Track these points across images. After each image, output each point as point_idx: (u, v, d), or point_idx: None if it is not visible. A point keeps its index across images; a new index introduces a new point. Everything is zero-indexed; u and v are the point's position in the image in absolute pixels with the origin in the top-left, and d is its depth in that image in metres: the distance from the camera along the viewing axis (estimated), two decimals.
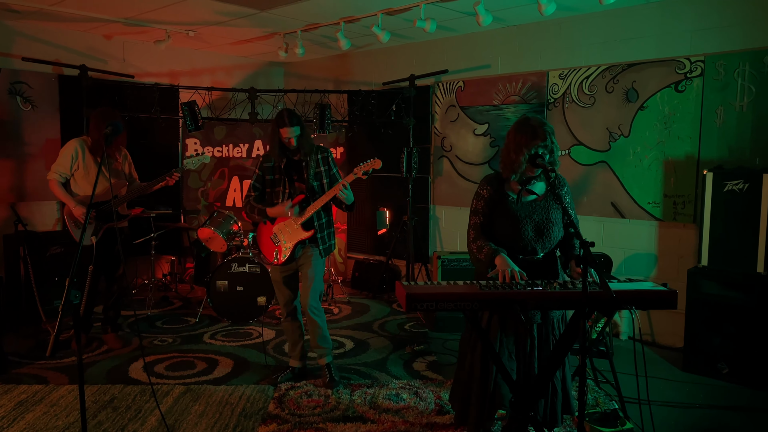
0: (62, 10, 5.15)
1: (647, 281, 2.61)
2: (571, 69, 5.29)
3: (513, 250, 2.81)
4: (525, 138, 2.69)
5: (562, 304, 2.44)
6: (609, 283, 2.54)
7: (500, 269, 2.60)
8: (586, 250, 2.22)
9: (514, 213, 2.80)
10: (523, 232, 2.78)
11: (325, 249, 3.89)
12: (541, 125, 2.73)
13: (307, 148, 3.77)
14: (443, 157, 6.30)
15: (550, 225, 2.80)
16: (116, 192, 4.53)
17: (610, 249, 5.08)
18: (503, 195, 2.85)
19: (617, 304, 2.23)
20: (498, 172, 2.92)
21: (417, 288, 2.45)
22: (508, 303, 2.40)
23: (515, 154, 2.71)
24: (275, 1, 4.84)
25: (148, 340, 4.88)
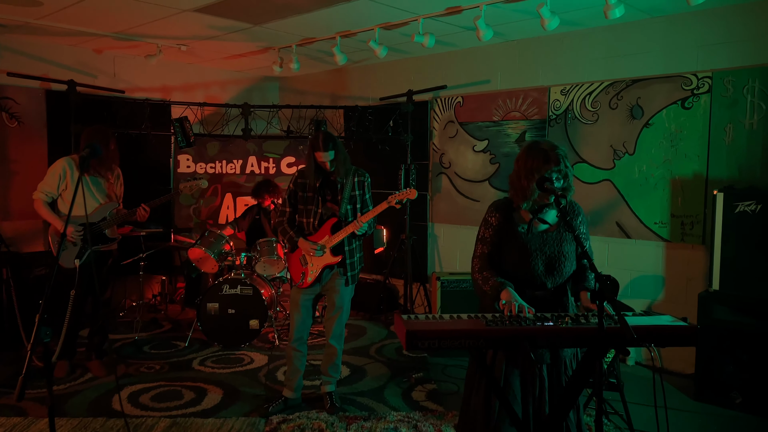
0: (49, 24, 5.00)
1: (665, 315, 2.42)
2: (574, 85, 5.15)
3: (521, 284, 2.63)
4: (537, 162, 2.51)
5: (575, 341, 2.25)
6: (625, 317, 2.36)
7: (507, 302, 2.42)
8: (603, 285, 2.04)
9: (524, 245, 2.61)
10: (534, 266, 2.60)
11: (353, 276, 3.79)
12: (554, 148, 2.56)
13: (343, 170, 3.69)
14: (442, 173, 6.14)
15: (562, 259, 2.61)
16: (104, 213, 4.35)
17: (616, 270, 4.90)
18: (513, 224, 2.66)
19: (636, 343, 2.05)
20: (508, 199, 2.74)
21: (418, 323, 2.26)
22: (517, 340, 2.21)
23: (526, 180, 2.52)
24: (269, 15, 4.69)
25: (135, 366, 4.66)
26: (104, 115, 5.79)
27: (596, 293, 2.05)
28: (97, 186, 4.35)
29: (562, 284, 2.69)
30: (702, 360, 4.09)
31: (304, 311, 3.78)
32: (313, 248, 3.64)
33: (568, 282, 2.71)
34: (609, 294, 2.02)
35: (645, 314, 2.44)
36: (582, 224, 2.73)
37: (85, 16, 4.77)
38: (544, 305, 2.61)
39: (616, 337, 2.11)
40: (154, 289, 6.75)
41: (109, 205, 4.38)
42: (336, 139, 3.63)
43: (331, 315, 3.79)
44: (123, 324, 5.79)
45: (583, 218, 2.74)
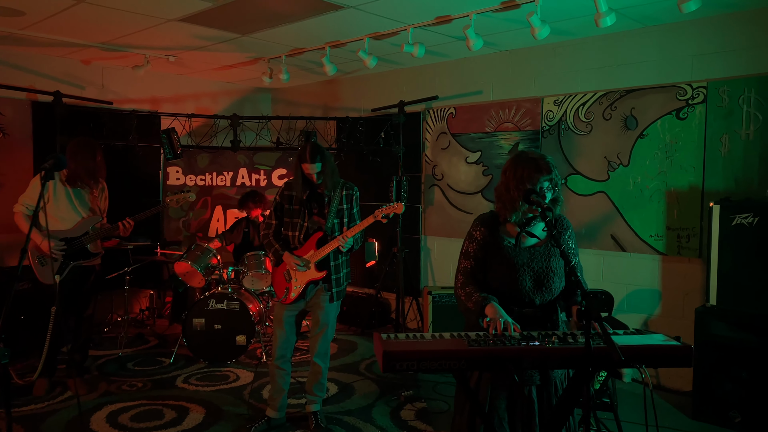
0: (33, 35, 4.92)
1: (657, 333, 2.30)
2: (567, 95, 5.06)
3: (508, 301, 2.51)
4: (528, 171, 2.40)
5: (562, 362, 2.13)
6: (614, 336, 2.25)
7: (491, 320, 2.30)
8: (589, 303, 1.93)
9: (511, 260, 2.50)
10: (521, 282, 2.48)
11: (339, 292, 3.66)
12: (543, 157, 2.46)
13: (330, 183, 3.58)
14: (434, 185, 6.04)
15: (551, 275, 2.49)
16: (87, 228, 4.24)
17: (611, 284, 4.78)
18: (499, 238, 2.55)
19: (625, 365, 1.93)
20: (493, 212, 2.63)
21: (396, 344, 2.14)
22: (501, 361, 2.10)
23: (516, 191, 2.41)
24: (256, 25, 4.62)
25: (116, 384, 4.53)
26: (90, 126, 5.71)
27: (582, 312, 1.93)
28: (80, 199, 4.24)
29: (552, 301, 2.57)
30: (700, 378, 3.96)
31: (288, 328, 3.66)
32: (296, 263, 3.53)
33: (558, 299, 2.59)
34: (596, 313, 1.90)
35: (636, 333, 2.33)
36: (570, 239, 2.63)
37: (68, 26, 4.69)
38: (532, 323, 2.50)
39: (604, 357, 1.99)
40: (143, 304, 6.62)
41: (91, 219, 4.27)
42: (324, 150, 3.53)
43: (316, 332, 3.67)
44: (108, 339, 5.66)
45: (571, 233, 2.64)
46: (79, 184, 4.18)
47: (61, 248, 4.11)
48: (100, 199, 4.38)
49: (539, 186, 2.41)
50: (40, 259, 4.13)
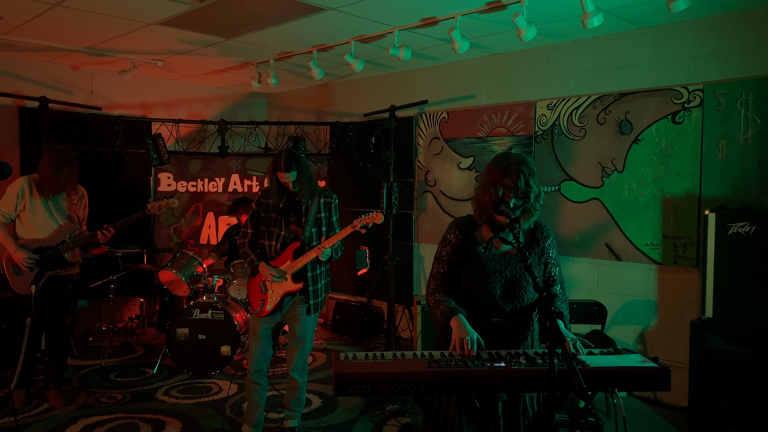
0: (16, 39, 4.85)
1: (634, 353, 2.15)
2: (560, 99, 4.91)
3: (477, 308, 2.38)
4: (495, 175, 2.30)
5: (528, 385, 1.98)
6: (587, 356, 2.10)
7: (455, 336, 2.17)
8: (552, 323, 1.78)
9: (482, 265, 2.37)
10: (490, 289, 2.35)
11: (316, 304, 3.53)
12: (518, 163, 2.32)
13: (307, 191, 3.45)
14: (427, 192, 5.90)
15: (524, 284, 2.35)
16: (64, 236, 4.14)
17: (606, 295, 4.62)
18: (473, 242, 2.42)
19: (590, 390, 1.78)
20: (470, 216, 2.50)
21: (350, 365, 2.01)
22: (462, 385, 1.95)
23: (486, 194, 2.31)
24: (238, 28, 4.52)
25: (96, 396, 4.43)
26: (77, 132, 5.63)
27: (544, 333, 1.79)
28: (57, 207, 4.15)
29: (525, 312, 2.43)
30: (696, 393, 3.78)
31: (264, 341, 3.53)
32: (272, 273, 3.41)
33: (533, 310, 2.45)
34: (559, 334, 1.75)
35: (613, 352, 2.17)
36: (551, 248, 2.48)
37: (49, 31, 4.62)
38: (502, 335, 2.36)
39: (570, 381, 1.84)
40: (132, 312, 6.53)
41: (68, 227, 4.17)
42: (300, 158, 3.41)
43: (293, 346, 3.55)
44: (93, 349, 5.56)
45: (552, 242, 2.49)
46: (47, 193, 4.08)
47: (34, 260, 4.01)
48: (79, 207, 4.28)
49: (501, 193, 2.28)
50: (14, 269, 4.04)
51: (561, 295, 2.48)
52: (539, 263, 2.44)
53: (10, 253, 4.00)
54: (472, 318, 2.32)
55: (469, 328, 2.20)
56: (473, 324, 2.28)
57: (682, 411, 4.14)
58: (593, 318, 4.28)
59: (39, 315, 4.10)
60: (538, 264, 2.43)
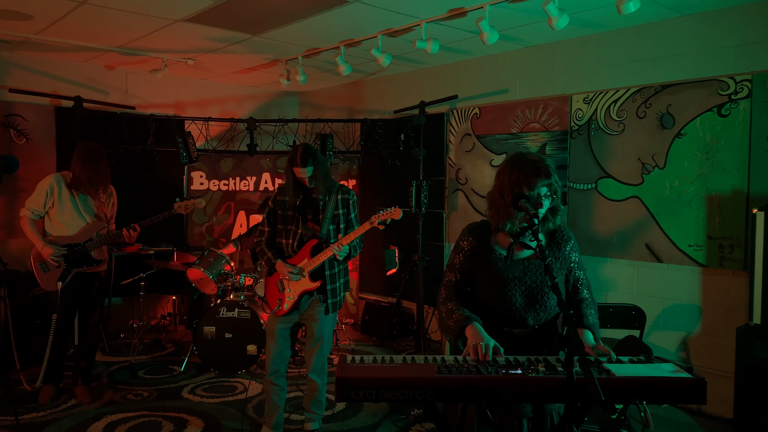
0: (48, 39, 4.94)
1: (668, 362, 1.97)
2: (597, 92, 4.68)
3: (497, 320, 2.23)
4: (525, 174, 2.13)
5: (546, 395, 1.82)
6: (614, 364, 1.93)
7: (470, 342, 2.03)
8: (570, 329, 1.63)
9: (500, 273, 2.22)
10: (510, 298, 2.20)
11: (334, 303, 3.44)
12: (542, 160, 2.18)
13: (323, 187, 3.36)
14: (458, 190, 5.74)
15: (545, 290, 2.20)
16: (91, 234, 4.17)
17: (645, 299, 4.37)
18: (488, 249, 2.27)
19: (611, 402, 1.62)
20: (484, 221, 2.36)
21: (355, 369, 1.89)
22: (473, 392, 1.81)
23: (510, 196, 2.14)
24: (264, 23, 4.47)
25: (122, 393, 4.45)
26: (110, 131, 5.70)
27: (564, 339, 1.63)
28: (86, 205, 4.18)
29: (550, 321, 2.27)
30: (742, 404, 3.52)
31: (281, 341, 3.46)
32: (289, 271, 3.33)
33: (558, 318, 2.29)
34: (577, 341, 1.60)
35: (644, 361, 1.99)
36: (573, 251, 2.32)
37: (79, 30, 4.67)
38: (526, 347, 2.21)
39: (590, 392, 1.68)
40: (165, 309, 6.59)
41: (96, 225, 4.20)
42: (316, 153, 3.32)
43: (311, 346, 3.46)
44: (124, 345, 5.62)
45: (574, 245, 2.33)
46: (82, 189, 4.11)
47: (62, 255, 4.05)
48: (107, 205, 4.31)
49: (537, 191, 2.13)
50: (42, 265, 4.08)
51: (589, 300, 2.31)
52: (561, 268, 2.27)
53: (38, 249, 4.05)
54: (492, 329, 2.17)
55: (486, 336, 2.06)
56: (493, 336, 2.13)
57: (726, 423, 3.87)
58: (631, 323, 4.04)
59: (65, 312, 4.14)
60: (560, 269, 2.27)
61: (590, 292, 2.34)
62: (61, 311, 4.09)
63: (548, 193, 2.16)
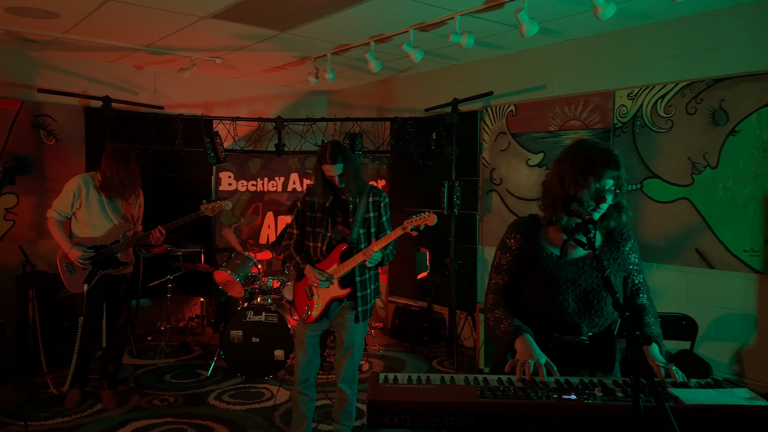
0: (78, 38, 4.89)
1: (740, 387, 1.74)
2: (643, 87, 4.41)
3: (546, 326, 2.03)
4: (591, 163, 1.89)
5: (605, 425, 1.62)
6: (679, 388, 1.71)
7: (519, 359, 1.83)
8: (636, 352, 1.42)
9: (551, 274, 2.01)
10: (562, 303, 1.99)
11: (365, 311, 3.27)
12: (611, 149, 1.94)
13: (354, 188, 3.18)
14: (492, 191, 5.51)
15: (602, 294, 1.98)
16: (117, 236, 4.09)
17: (696, 307, 4.09)
18: (538, 247, 2.07)
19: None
20: (533, 216, 2.15)
21: (389, 390, 1.72)
22: (520, 421, 1.62)
23: (574, 186, 1.90)
24: (293, 20, 4.33)
25: (149, 398, 4.36)
26: (138, 131, 5.65)
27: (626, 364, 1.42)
28: (112, 206, 4.10)
29: (606, 331, 2.06)
30: None
31: (310, 349, 3.30)
32: (317, 278, 3.17)
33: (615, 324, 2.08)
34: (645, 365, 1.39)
35: (712, 385, 1.77)
36: (633, 252, 2.09)
37: (106, 28, 4.61)
38: (578, 356, 2.01)
39: (658, 422, 1.47)
40: (193, 311, 6.52)
41: (122, 227, 4.12)
42: (347, 151, 3.16)
43: (341, 355, 3.29)
44: (152, 348, 5.55)
45: (634, 244, 2.10)
46: (112, 193, 4.03)
47: (89, 257, 3.98)
48: (134, 206, 4.23)
49: (603, 183, 1.89)
50: (68, 267, 4.02)
51: (650, 307, 2.09)
52: (619, 270, 2.06)
53: (65, 251, 3.98)
54: (541, 336, 1.97)
55: (537, 351, 1.86)
56: (542, 343, 1.94)
57: None
58: (681, 333, 3.78)
59: (91, 314, 4.07)
60: (618, 271, 2.05)
61: (650, 297, 2.13)
62: (87, 314, 4.02)
63: (614, 186, 1.93)
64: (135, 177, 4.12)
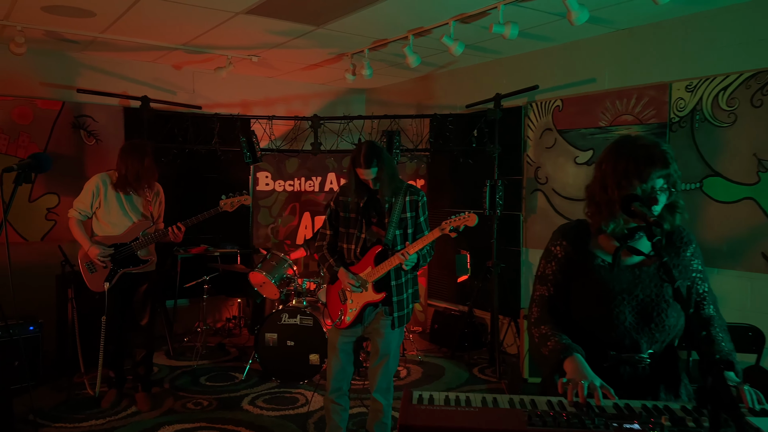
0: (116, 38, 4.88)
1: None
2: (702, 79, 4.09)
3: (601, 343, 1.81)
4: (635, 163, 1.70)
5: None
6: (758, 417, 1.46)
7: (570, 381, 1.62)
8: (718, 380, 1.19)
9: (604, 285, 1.79)
10: (618, 316, 1.77)
11: (401, 317, 3.08)
12: (657, 145, 1.73)
13: (389, 189, 3.01)
14: (537, 190, 5.25)
15: (663, 306, 1.75)
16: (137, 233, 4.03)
17: (761, 316, 3.75)
18: (588, 255, 1.85)
19: None
20: (581, 221, 1.94)
21: (423, 413, 1.53)
22: None
23: (617, 189, 1.72)
24: (329, 13, 4.19)
25: (183, 401, 4.29)
26: (175, 131, 5.62)
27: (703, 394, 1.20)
28: (132, 204, 4.04)
29: (668, 348, 1.83)
30: None
31: (344, 357, 3.14)
32: (351, 282, 3.01)
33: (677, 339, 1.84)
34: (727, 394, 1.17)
35: None
36: (696, 257, 1.86)
37: (142, 27, 4.57)
38: (638, 380, 1.78)
39: None
40: (230, 312, 6.48)
41: (142, 224, 4.05)
42: (382, 152, 2.98)
43: (375, 363, 3.12)
44: (188, 349, 5.51)
45: (696, 249, 1.86)
46: (128, 189, 3.97)
47: (108, 255, 3.93)
48: (154, 204, 4.16)
49: (650, 185, 1.69)
50: (89, 265, 3.98)
51: (718, 319, 1.86)
52: (680, 278, 1.82)
53: (85, 250, 3.95)
54: (594, 355, 1.76)
55: (591, 373, 1.64)
56: (595, 363, 1.72)
57: None
58: (746, 345, 3.46)
59: (113, 313, 4.03)
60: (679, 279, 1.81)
61: (717, 308, 1.89)
62: (109, 312, 3.99)
63: (665, 185, 1.72)
64: (150, 170, 4.04)
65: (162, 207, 4.24)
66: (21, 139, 5.27)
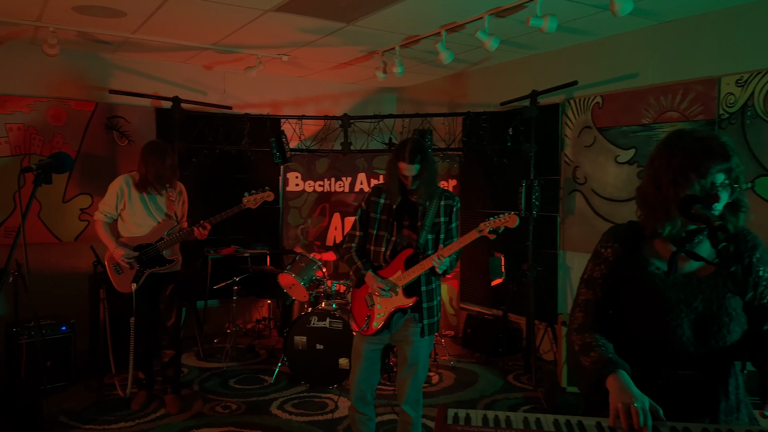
0: (147, 39, 4.87)
1: None
2: (754, 72, 3.85)
3: (653, 356, 1.65)
4: (692, 158, 1.54)
5: None
6: None
7: (616, 402, 1.46)
8: None
9: (659, 294, 1.63)
10: (675, 330, 1.61)
11: (431, 325, 2.95)
12: (715, 138, 1.57)
13: (425, 192, 2.90)
14: (576, 191, 5.05)
15: (725, 320, 1.58)
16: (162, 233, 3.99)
17: None
18: (640, 261, 1.70)
19: None
20: (633, 223, 1.78)
21: None
22: None
23: (673, 188, 1.56)
24: (359, 9, 4.08)
25: (212, 404, 4.24)
26: (206, 131, 5.60)
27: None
28: (155, 204, 4.01)
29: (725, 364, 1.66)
30: None
31: (369, 365, 3.01)
32: (379, 286, 2.89)
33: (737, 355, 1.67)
34: None
35: None
36: (761, 264, 1.67)
37: (172, 27, 4.54)
38: (693, 395, 1.62)
39: None
40: (261, 313, 6.44)
41: (166, 224, 4.01)
42: (427, 152, 2.86)
43: (404, 373, 2.99)
44: (218, 350, 5.48)
45: (763, 256, 1.68)
46: (150, 189, 3.94)
47: (133, 256, 3.90)
48: (177, 203, 4.12)
49: (710, 180, 1.53)
50: (115, 267, 3.96)
51: None
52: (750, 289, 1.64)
53: (111, 251, 3.93)
54: (646, 371, 1.60)
55: (637, 392, 1.48)
56: (646, 380, 1.56)
57: None
58: None
59: (141, 313, 4.00)
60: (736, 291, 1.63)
61: None
62: (137, 313, 3.96)
63: (726, 181, 1.55)
64: (171, 169, 4.01)
65: (185, 206, 4.20)
66: (55, 140, 5.32)
